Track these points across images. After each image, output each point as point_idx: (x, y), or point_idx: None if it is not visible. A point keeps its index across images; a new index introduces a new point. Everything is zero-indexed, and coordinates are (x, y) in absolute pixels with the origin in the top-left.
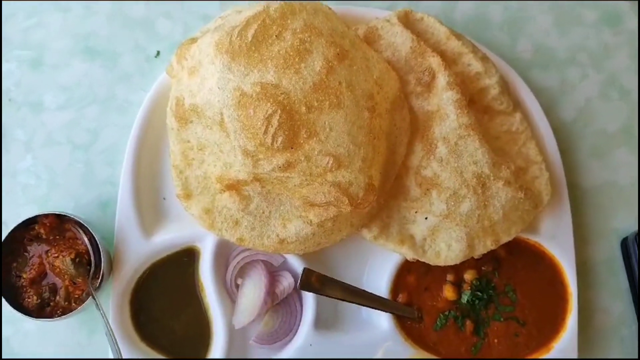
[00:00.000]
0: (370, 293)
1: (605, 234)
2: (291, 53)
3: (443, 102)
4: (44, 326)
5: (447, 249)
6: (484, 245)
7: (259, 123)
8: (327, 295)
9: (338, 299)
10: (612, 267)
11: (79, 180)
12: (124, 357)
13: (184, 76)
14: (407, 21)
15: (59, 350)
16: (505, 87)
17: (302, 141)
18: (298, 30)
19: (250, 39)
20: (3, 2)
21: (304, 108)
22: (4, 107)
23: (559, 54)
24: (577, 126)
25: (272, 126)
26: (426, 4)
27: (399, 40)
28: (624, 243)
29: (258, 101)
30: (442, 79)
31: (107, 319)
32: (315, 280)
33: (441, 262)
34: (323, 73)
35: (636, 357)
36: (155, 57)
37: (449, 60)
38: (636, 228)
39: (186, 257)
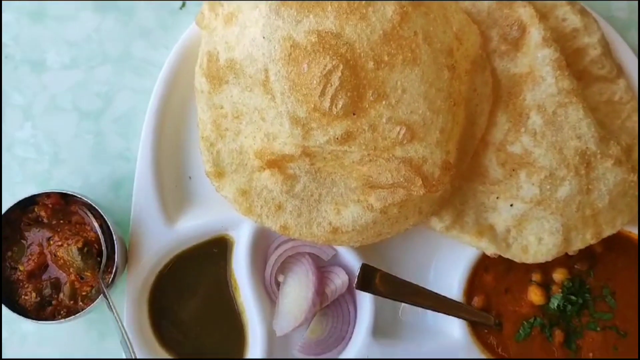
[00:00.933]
0: (439, 295)
1: None
2: None
3: (537, 63)
4: (44, 329)
5: (537, 243)
6: (583, 239)
7: (315, 81)
8: (388, 297)
9: (401, 301)
10: None
11: (88, 154)
12: None
13: (219, 26)
14: None
15: (60, 355)
16: (608, 48)
17: (367, 105)
18: None
19: None
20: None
21: (372, 63)
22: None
23: None
24: None
25: (331, 85)
26: None
27: None
28: None
29: (314, 54)
30: (535, 34)
31: (121, 322)
32: (376, 280)
33: (530, 258)
34: (395, 20)
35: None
36: (180, 8)
37: (540, 13)
38: None
39: (216, 249)
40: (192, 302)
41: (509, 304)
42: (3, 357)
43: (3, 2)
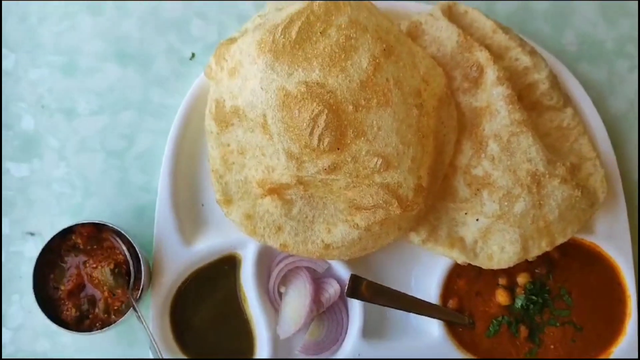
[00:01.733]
0: (419, 299)
1: None
2: (337, 50)
3: (493, 98)
4: (80, 339)
5: (500, 252)
6: (539, 247)
7: (305, 124)
8: (375, 303)
9: (386, 306)
10: None
11: (114, 187)
12: None
13: (224, 77)
14: (450, 15)
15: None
16: (555, 81)
17: (349, 141)
18: (343, 26)
19: (294, 37)
20: (34, 5)
21: (351, 107)
22: (37, 114)
23: (607, 45)
24: (628, 120)
25: (318, 127)
26: None
27: (444, 34)
28: None
29: (303, 101)
30: (491, 73)
31: (150, 331)
32: (363, 288)
33: (494, 265)
34: (370, 70)
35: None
36: (190, 59)
37: (495, 55)
38: None
39: (227, 265)
40: (208, 312)
41: (479, 305)
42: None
43: (38, 58)
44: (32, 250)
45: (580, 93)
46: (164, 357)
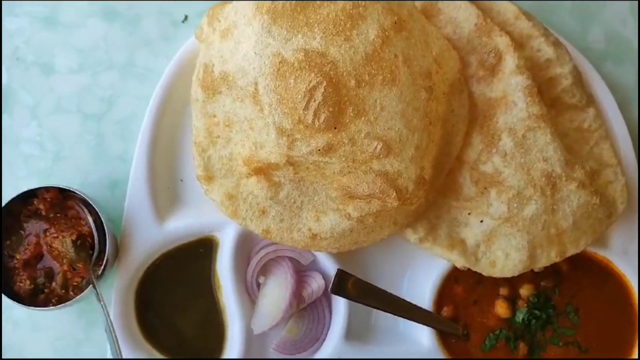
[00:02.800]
0: (411, 303)
1: None
2: (342, 17)
3: (510, 88)
4: (36, 315)
5: (504, 258)
6: (548, 257)
7: (300, 96)
8: (361, 303)
9: (374, 307)
10: None
11: (88, 154)
12: (123, 355)
13: (216, 40)
14: None
15: (52, 343)
16: (579, 78)
17: (347, 120)
18: None
19: None
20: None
21: (353, 82)
22: (11, 66)
23: (636, 45)
24: None
25: (314, 100)
26: None
27: (462, 15)
28: None
29: (300, 70)
30: (510, 61)
31: (107, 313)
32: (349, 285)
33: (496, 272)
34: (377, 43)
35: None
36: (183, 22)
37: (516, 43)
38: None
39: (202, 249)
40: (177, 298)
41: (476, 315)
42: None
43: (17, 7)
44: None
45: (605, 94)
46: (121, 343)
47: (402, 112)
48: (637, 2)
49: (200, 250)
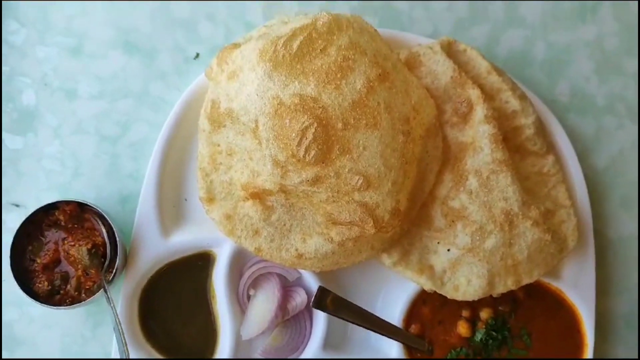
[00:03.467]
0: (383, 320)
1: (627, 288)
2: (334, 68)
3: (478, 135)
4: (49, 314)
5: (466, 284)
6: (505, 285)
7: (294, 134)
8: (339, 317)
9: (350, 321)
10: (631, 321)
11: (103, 171)
12: (129, 354)
13: (223, 80)
14: (449, 51)
15: (62, 339)
16: (541, 128)
17: (334, 157)
18: (343, 47)
19: (294, 50)
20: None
21: (340, 124)
22: (39, 90)
23: (597, 100)
24: (608, 175)
25: (306, 138)
26: (471, 34)
27: (440, 68)
28: None
29: (295, 112)
30: (480, 111)
31: (116, 313)
32: (329, 301)
33: (459, 296)
34: (363, 92)
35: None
36: (194, 58)
37: (487, 95)
38: None
39: (201, 262)
40: (176, 305)
41: (440, 333)
42: (11, 334)
43: (48, 37)
44: (15, 220)
45: (565, 142)
46: (126, 340)
47: (382, 152)
48: (599, 60)
49: (199, 263)
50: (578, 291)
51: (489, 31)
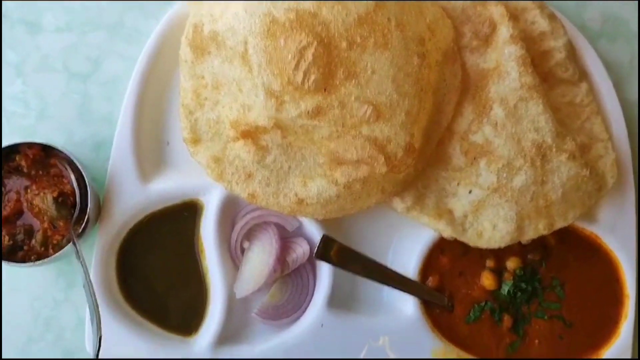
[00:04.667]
0: (396, 272)
1: None
2: None
3: (504, 58)
4: (15, 275)
5: (491, 229)
6: (535, 229)
7: (290, 56)
8: (346, 270)
9: (358, 274)
10: None
11: (73, 113)
12: (101, 315)
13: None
14: None
15: (30, 303)
16: (573, 52)
17: (338, 83)
18: None
19: None
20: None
21: (345, 44)
22: None
23: (631, 25)
24: None
25: (304, 61)
26: None
27: None
28: None
29: (291, 30)
30: (504, 31)
31: (86, 269)
32: (334, 251)
33: (483, 243)
34: (371, 6)
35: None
36: None
37: (512, 14)
38: None
39: (187, 212)
40: (159, 261)
41: (462, 286)
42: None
43: None
44: None
45: (599, 70)
46: (100, 303)
47: (394, 77)
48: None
49: (184, 214)
50: (616, 236)
51: None
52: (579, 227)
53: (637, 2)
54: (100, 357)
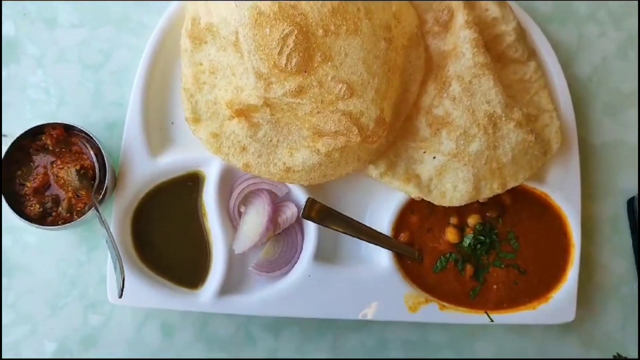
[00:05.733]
0: (372, 229)
1: (612, 192)
2: None
3: (460, 41)
4: (44, 238)
5: (452, 190)
6: (491, 189)
7: (274, 43)
8: (329, 227)
9: (340, 231)
10: (616, 225)
11: (88, 99)
12: (123, 269)
13: None
14: None
15: (56, 264)
16: (522, 35)
17: (316, 65)
18: None
19: None
20: None
21: (321, 31)
22: (19, 20)
23: (579, 9)
24: (591, 83)
25: (287, 46)
26: None
27: None
28: (631, 203)
29: (275, 20)
30: (460, 17)
31: (108, 227)
32: (318, 211)
33: (446, 202)
34: None
35: (635, 312)
36: None
37: (467, 3)
38: None
39: (190, 182)
40: (168, 224)
41: (429, 241)
42: (7, 262)
43: None
44: (3, 150)
45: (546, 49)
46: (121, 254)
47: (364, 59)
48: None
49: (189, 184)
50: (563, 194)
51: None
52: (530, 187)
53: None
54: (120, 303)
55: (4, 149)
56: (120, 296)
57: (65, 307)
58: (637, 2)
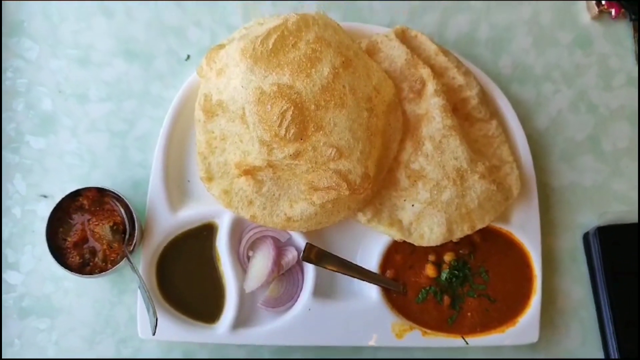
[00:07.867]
0: (362, 267)
1: (570, 228)
2: (304, 60)
3: (430, 107)
4: (81, 284)
5: (429, 232)
6: (462, 230)
7: (275, 117)
8: (325, 267)
9: (335, 270)
10: (574, 256)
11: (116, 162)
12: (156, 311)
13: (212, 76)
14: (403, 37)
15: (93, 305)
16: (484, 98)
17: (310, 134)
18: (311, 41)
19: (270, 47)
20: (55, 5)
21: (313, 106)
22: (55, 97)
23: (536, 70)
24: (549, 134)
25: (285, 120)
26: (423, 22)
27: (396, 53)
28: (586, 237)
29: (275, 99)
30: (430, 87)
31: (139, 274)
32: (315, 254)
33: (424, 243)
34: (330, 78)
35: (595, 332)
36: (186, 60)
37: (437, 73)
38: (597, 224)
39: (206, 232)
40: (188, 269)
41: (411, 276)
42: (50, 305)
43: (58, 50)
44: (44, 210)
45: (507, 108)
46: (151, 296)
47: (350, 127)
48: (536, 35)
49: (204, 233)
50: (525, 232)
51: (439, 18)
52: (496, 227)
53: (535, 51)
54: (148, 337)
55: (49, 210)
56: (154, 334)
57: (101, 342)
58: (586, 64)
